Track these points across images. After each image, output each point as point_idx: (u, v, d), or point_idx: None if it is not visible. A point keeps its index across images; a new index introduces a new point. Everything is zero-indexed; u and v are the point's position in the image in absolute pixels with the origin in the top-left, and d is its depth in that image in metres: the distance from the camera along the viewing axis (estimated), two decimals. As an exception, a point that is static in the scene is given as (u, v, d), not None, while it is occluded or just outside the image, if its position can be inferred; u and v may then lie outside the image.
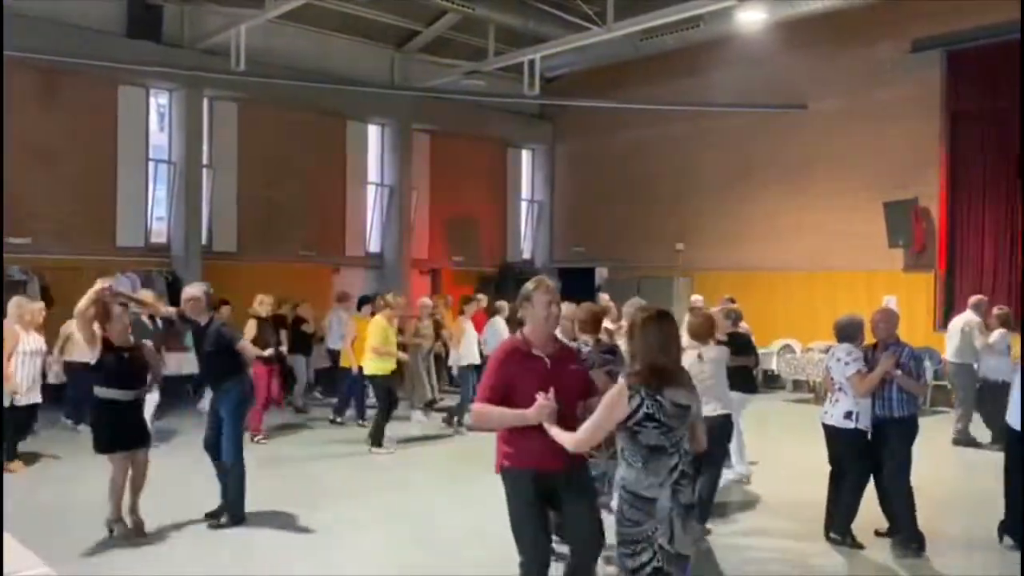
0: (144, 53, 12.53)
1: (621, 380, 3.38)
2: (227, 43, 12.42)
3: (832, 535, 5.79)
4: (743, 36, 13.84)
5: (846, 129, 14.00)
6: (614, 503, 3.40)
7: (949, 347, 9.63)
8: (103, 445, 5.68)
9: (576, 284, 15.72)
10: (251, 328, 9.31)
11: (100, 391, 5.70)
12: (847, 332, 5.74)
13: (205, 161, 13.82)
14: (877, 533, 5.86)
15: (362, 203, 16.12)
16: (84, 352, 6.73)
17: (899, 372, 5.48)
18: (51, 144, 12.15)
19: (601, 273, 17.89)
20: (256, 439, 9.06)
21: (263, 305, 9.72)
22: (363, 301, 11.03)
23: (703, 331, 6.04)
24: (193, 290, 6.15)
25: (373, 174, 16.35)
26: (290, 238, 14.73)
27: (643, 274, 16.24)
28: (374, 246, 16.36)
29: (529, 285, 3.81)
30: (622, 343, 5.29)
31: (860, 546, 5.70)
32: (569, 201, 18.52)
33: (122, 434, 5.70)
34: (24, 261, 11.78)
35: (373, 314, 9.95)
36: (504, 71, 14.90)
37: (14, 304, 8.01)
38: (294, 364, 11.64)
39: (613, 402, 3.27)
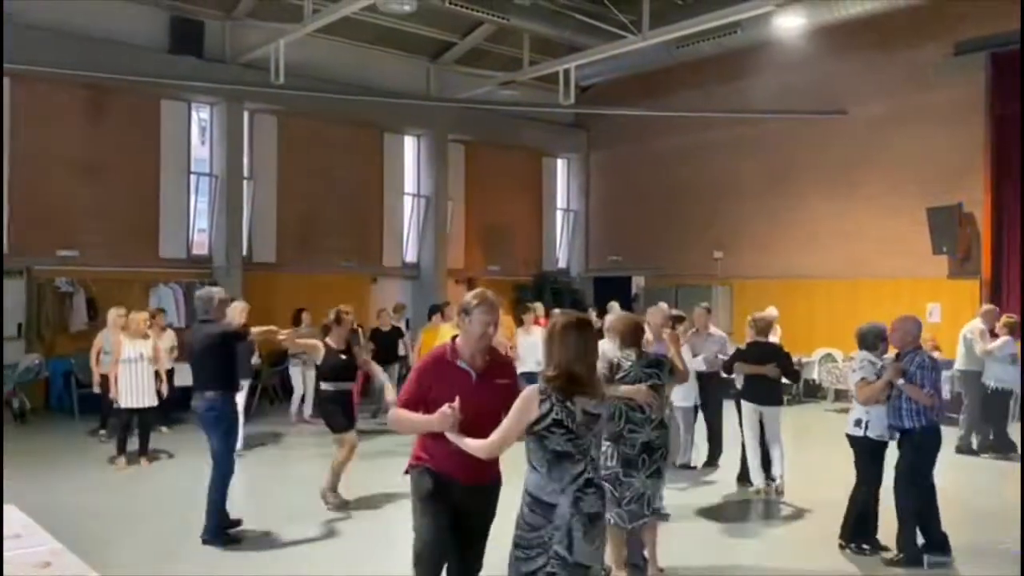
0: (186, 68, 12.81)
1: (535, 384, 3.31)
2: (267, 57, 12.65)
3: (841, 542, 5.85)
4: (781, 41, 13.74)
5: (888, 134, 13.83)
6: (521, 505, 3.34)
7: (958, 355, 9.73)
8: (340, 426, 6.78)
9: (612, 293, 15.72)
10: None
11: (327, 385, 6.81)
12: (866, 340, 5.77)
13: (246, 173, 14.07)
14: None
15: (399, 213, 16.27)
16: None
17: (902, 382, 5.45)
18: (97, 159, 12.45)
19: (637, 282, 17.84)
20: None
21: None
22: (433, 311, 11.08)
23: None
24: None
25: (410, 185, 16.50)
26: (329, 249, 14.92)
27: (680, 283, 16.18)
28: (411, 256, 16.50)
29: (471, 299, 3.68)
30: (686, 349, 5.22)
31: (882, 550, 5.69)
32: (605, 209, 18.50)
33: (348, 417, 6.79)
34: (71, 273, 12.09)
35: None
36: (539, 81, 14.97)
37: (112, 314, 9.00)
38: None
39: (524, 406, 3.24)
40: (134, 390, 8.30)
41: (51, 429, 10.50)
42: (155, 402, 8.50)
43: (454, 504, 3.64)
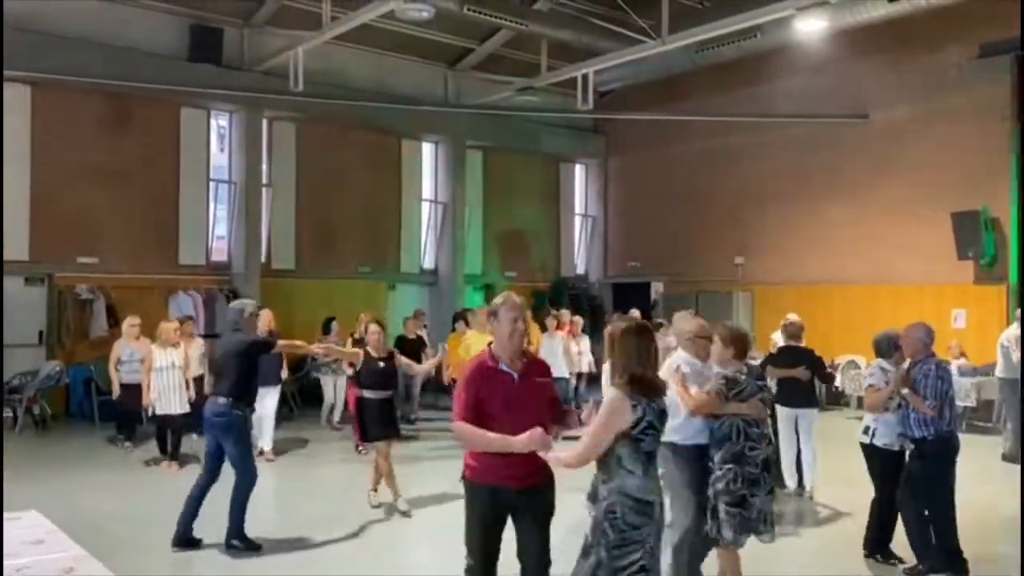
0: (205, 76, 12.90)
1: (614, 391, 3.45)
2: (285, 65, 12.73)
3: (865, 551, 5.85)
4: (803, 45, 13.63)
5: (911, 138, 13.70)
6: (606, 508, 3.42)
7: (997, 363, 9.70)
8: (369, 435, 6.88)
9: (631, 299, 15.67)
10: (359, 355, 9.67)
11: (369, 394, 6.91)
12: (881, 347, 5.76)
13: (264, 180, 14.16)
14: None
15: (417, 220, 16.32)
16: (134, 372, 9.03)
17: (906, 390, 5.43)
18: (117, 166, 12.56)
19: (657, 288, 17.81)
20: (360, 449, 9.31)
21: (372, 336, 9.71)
22: (456, 318, 11.09)
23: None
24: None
25: (427, 191, 16.54)
26: (347, 255, 14.98)
27: (701, 289, 16.11)
28: (428, 262, 16.54)
29: (497, 301, 3.84)
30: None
31: (896, 560, 5.67)
32: (623, 215, 18.47)
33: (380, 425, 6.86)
34: (92, 280, 12.20)
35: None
36: (557, 86, 14.97)
37: (127, 323, 9.38)
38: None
39: (614, 412, 3.36)
40: (166, 397, 8.57)
41: (72, 436, 10.58)
42: (187, 408, 8.67)
43: (510, 509, 3.72)
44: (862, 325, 13.92)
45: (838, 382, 13.54)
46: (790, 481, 7.59)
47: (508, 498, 3.69)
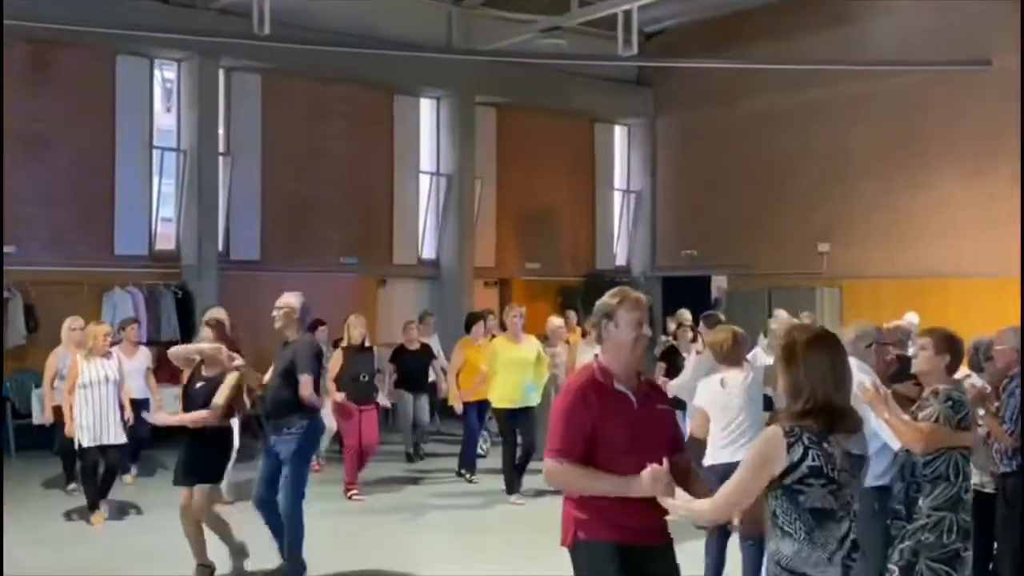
0: (147, 15, 12.86)
1: (773, 427, 3.31)
2: (248, 2, 12.59)
3: None
4: (905, -27, 13.57)
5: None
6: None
7: None
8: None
9: (686, 297, 15.51)
10: (337, 359, 9.68)
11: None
12: (971, 358, 5.94)
13: (221, 148, 14.14)
14: None
15: (413, 198, 16.28)
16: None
17: (981, 412, 5.43)
18: (34, 131, 12.52)
19: (718, 283, 17.69)
20: (350, 494, 9.47)
21: (355, 329, 9.89)
22: (472, 320, 11.01)
23: (726, 349, 6.09)
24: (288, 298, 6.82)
25: (427, 161, 16.49)
26: (326, 243, 15.01)
27: (774, 284, 16.01)
28: (428, 252, 16.51)
29: (608, 299, 3.79)
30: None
31: None
32: (676, 191, 18.38)
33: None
34: (6, 274, 12.01)
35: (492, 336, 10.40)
36: (592, 26, 14.88)
37: (65, 327, 8.85)
38: (399, 402, 11.68)
39: (765, 453, 3.22)
40: (96, 423, 8.23)
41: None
42: (122, 439, 8.47)
43: (644, 572, 3.67)
44: (985, 329, 13.76)
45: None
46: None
47: (642, 555, 3.64)
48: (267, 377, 6.87)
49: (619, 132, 19.01)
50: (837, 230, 15.71)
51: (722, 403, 5.91)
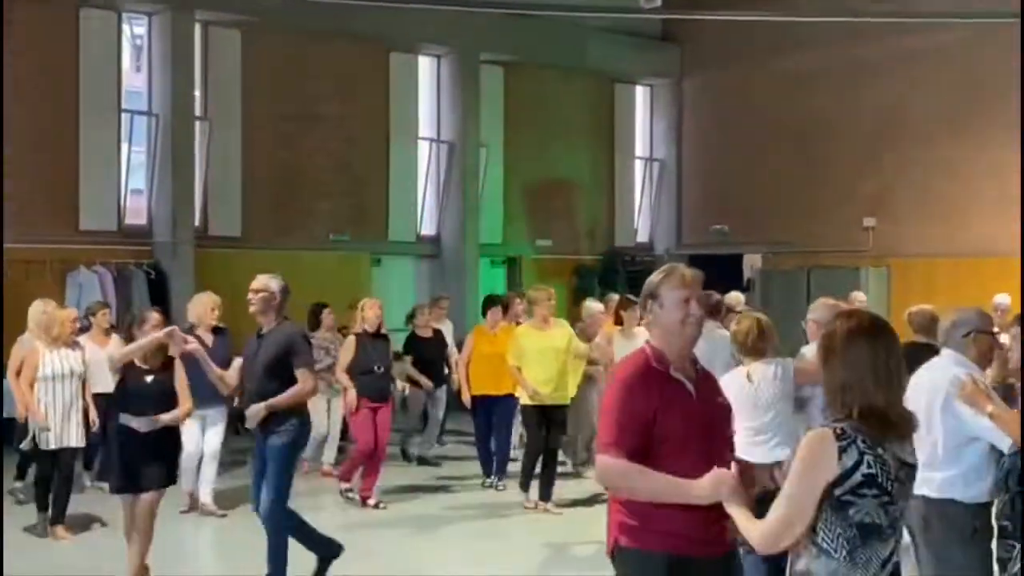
0: (115, -36, 12.89)
1: (819, 427, 3.19)
2: (227, -54, 12.69)
3: None
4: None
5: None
6: None
7: None
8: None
9: (716, 277, 15.33)
10: (349, 348, 9.54)
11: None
12: None
13: (198, 112, 14.11)
14: None
15: (411, 167, 16.25)
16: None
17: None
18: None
19: (752, 262, 17.68)
20: (375, 502, 9.32)
21: (371, 311, 9.60)
22: (490, 303, 10.79)
23: (751, 340, 6.05)
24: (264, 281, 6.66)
25: (426, 126, 16.47)
26: (315, 218, 15.00)
27: (815, 263, 16.03)
28: (428, 227, 16.51)
29: (654, 278, 3.73)
30: None
31: None
32: (704, 159, 18.36)
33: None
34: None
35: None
36: (611, -26, 14.85)
37: (35, 311, 8.44)
38: (410, 396, 11.47)
39: (815, 460, 3.05)
40: (59, 423, 8.05)
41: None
42: (81, 441, 8.30)
43: None
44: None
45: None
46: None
47: (691, 571, 3.57)
48: (231, 374, 6.80)
49: (641, 93, 18.95)
50: (885, 203, 15.71)
51: (752, 399, 5.85)
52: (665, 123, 18.87)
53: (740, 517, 3.27)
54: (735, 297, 11.56)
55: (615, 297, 13.02)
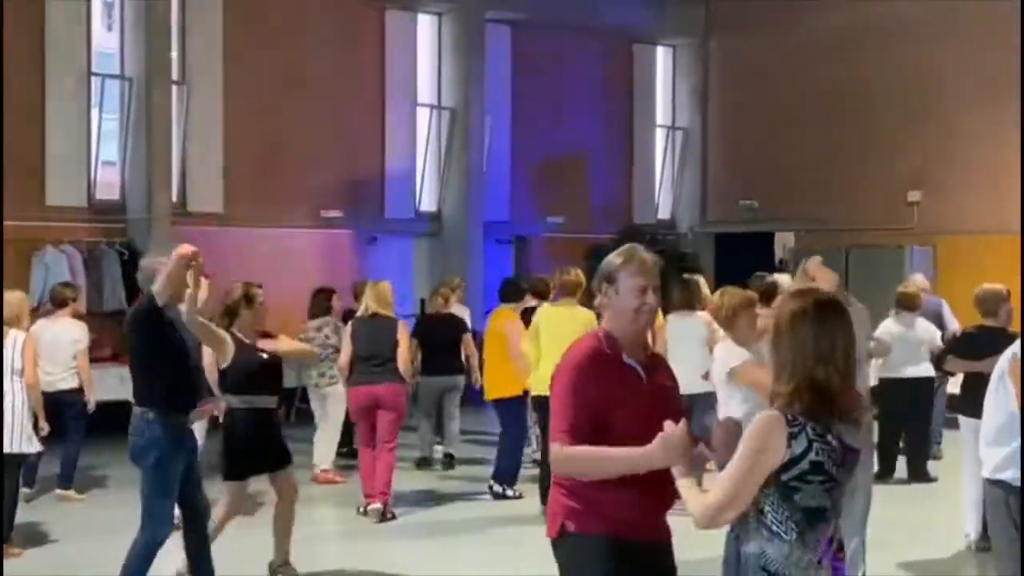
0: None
1: (769, 411, 3.39)
2: None
3: None
4: None
5: None
6: None
7: None
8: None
9: (744, 258, 15.42)
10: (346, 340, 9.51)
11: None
12: None
13: (175, 75, 14.09)
14: None
15: (409, 136, 16.24)
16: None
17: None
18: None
19: (784, 241, 17.66)
20: (383, 509, 9.08)
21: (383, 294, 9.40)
22: (510, 290, 10.45)
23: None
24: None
25: (426, 92, 16.47)
26: (304, 193, 14.99)
27: (853, 241, 16.00)
28: (428, 203, 16.54)
29: (613, 258, 3.94)
30: None
31: None
32: (732, 128, 18.33)
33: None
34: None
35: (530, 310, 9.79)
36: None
37: (18, 300, 8.30)
38: (420, 388, 11.36)
39: (762, 445, 3.31)
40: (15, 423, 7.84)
41: None
42: (38, 446, 8.16)
43: (639, 571, 3.87)
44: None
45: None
46: (970, 525, 7.80)
47: (633, 557, 3.81)
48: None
49: (663, 55, 18.96)
50: (931, 175, 15.70)
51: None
52: (689, 88, 18.90)
53: (685, 487, 3.49)
54: (786, 280, 11.55)
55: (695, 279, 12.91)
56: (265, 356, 7.05)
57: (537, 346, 8.96)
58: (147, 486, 6.14)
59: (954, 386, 9.72)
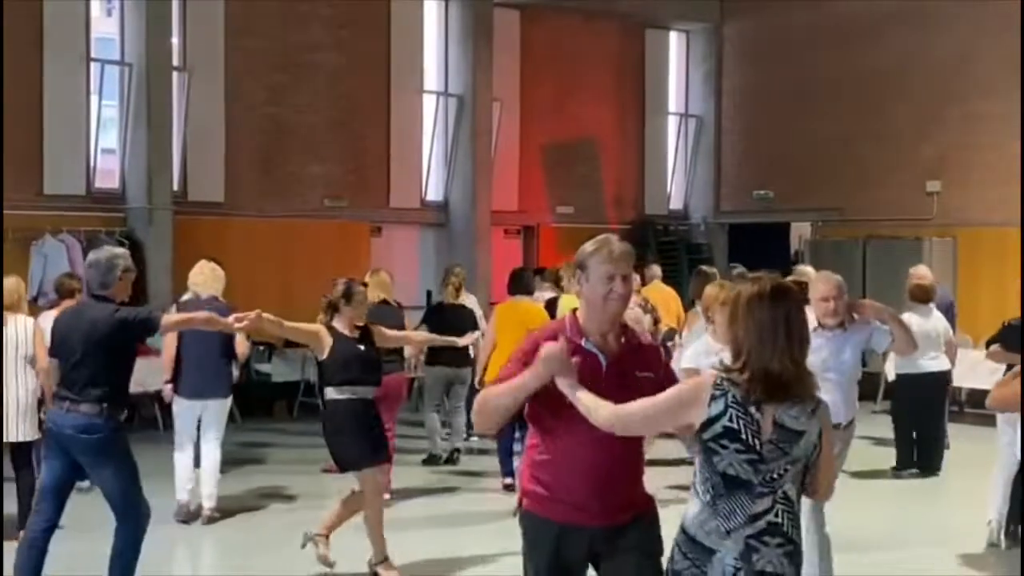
0: None
1: (707, 372, 3.77)
2: None
3: None
4: None
5: None
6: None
7: None
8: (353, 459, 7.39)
9: (759, 249, 15.79)
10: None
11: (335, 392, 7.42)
12: None
13: (176, 62, 14.24)
14: None
15: (416, 125, 16.39)
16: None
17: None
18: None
19: (800, 232, 17.79)
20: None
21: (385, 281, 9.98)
22: (520, 281, 10.42)
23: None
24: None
25: (432, 78, 16.61)
26: (307, 181, 15.19)
27: (871, 233, 16.11)
28: (434, 192, 16.70)
29: (587, 246, 4.14)
30: None
31: None
32: (747, 115, 18.40)
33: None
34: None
35: (552, 301, 10.07)
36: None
37: (17, 287, 8.45)
38: (428, 381, 11.66)
39: (688, 395, 3.65)
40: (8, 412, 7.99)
41: None
42: (36, 434, 8.13)
43: (592, 556, 4.11)
44: None
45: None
46: (993, 511, 8.12)
47: (587, 542, 4.09)
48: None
49: (675, 41, 19.01)
50: (952, 165, 15.68)
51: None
52: (702, 74, 18.93)
53: (585, 396, 3.79)
54: (804, 272, 11.67)
55: (657, 270, 13.19)
56: (362, 348, 7.48)
57: None
58: (121, 480, 6.31)
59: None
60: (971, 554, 8.08)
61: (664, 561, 3.82)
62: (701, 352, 6.53)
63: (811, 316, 6.30)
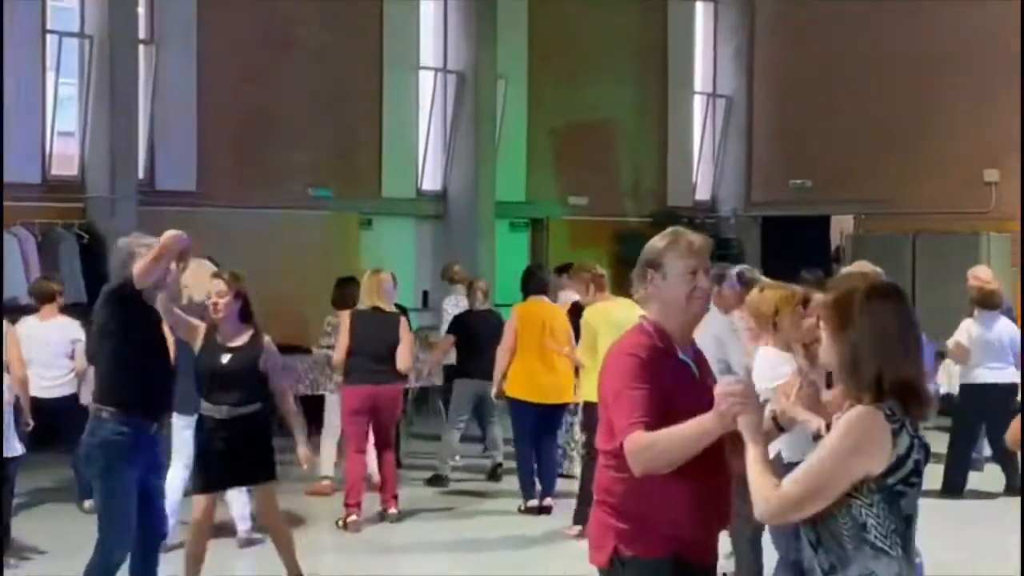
0: None
1: (865, 408, 3.36)
2: None
3: None
4: None
5: None
6: None
7: None
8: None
9: (795, 244, 15.76)
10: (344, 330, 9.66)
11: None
12: None
13: (142, 34, 14.05)
14: None
15: (411, 105, 16.25)
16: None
17: None
18: None
19: (842, 226, 17.73)
20: (347, 519, 9.27)
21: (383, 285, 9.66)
22: (533, 281, 10.39)
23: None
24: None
25: (429, 54, 16.50)
26: (290, 169, 14.97)
27: (921, 227, 16.10)
28: (431, 181, 16.56)
29: (656, 242, 4.06)
30: None
31: None
32: (782, 96, 18.40)
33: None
34: None
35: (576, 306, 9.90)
36: None
37: None
38: (456, 393, 11.52)
39: (862, 441, 3.29)
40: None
41: None
42: (18, 449, 8.33)
43: None
44: None
45: None
46: None
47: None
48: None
49: (702, 12, 19.05)
50: (1011, 152, 15.56)
51: None
52: (732, 50, 18.98)
53: (753, 464, 3.43)
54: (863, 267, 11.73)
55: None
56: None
57: (595, 356, 8.61)
58: (96, 498, 6.30)
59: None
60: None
61: None
62: (767, 373, 6.18)
63: None
